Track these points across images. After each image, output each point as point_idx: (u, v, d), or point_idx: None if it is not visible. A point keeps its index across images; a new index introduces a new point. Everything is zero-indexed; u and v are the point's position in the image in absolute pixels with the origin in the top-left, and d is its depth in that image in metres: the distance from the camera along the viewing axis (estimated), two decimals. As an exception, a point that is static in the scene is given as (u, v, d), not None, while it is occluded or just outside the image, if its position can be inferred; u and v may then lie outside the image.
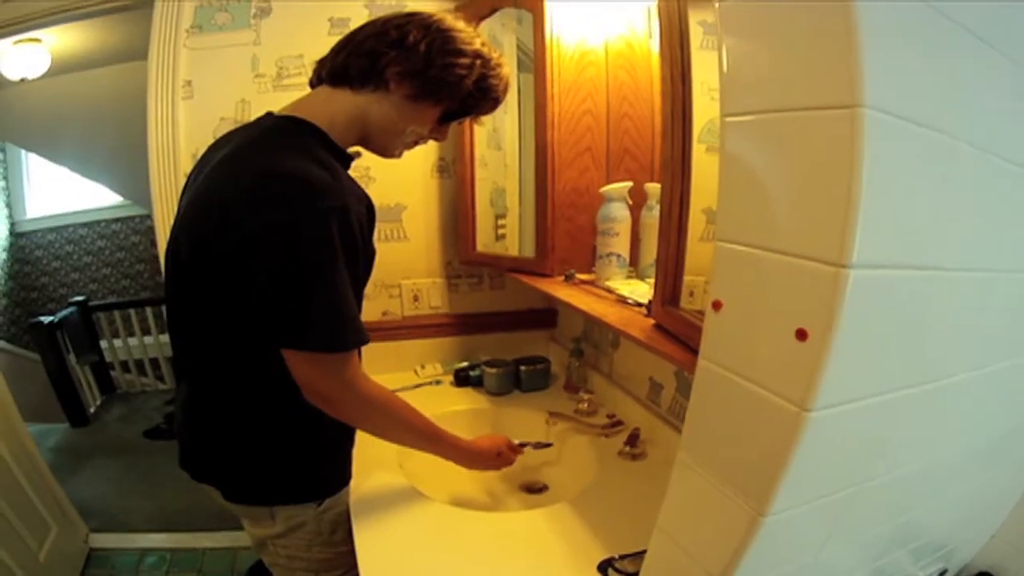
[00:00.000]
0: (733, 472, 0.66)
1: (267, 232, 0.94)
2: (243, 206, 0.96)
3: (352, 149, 1.17)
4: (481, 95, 1.15)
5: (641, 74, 1.63)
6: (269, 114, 1.13)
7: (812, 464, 0.61)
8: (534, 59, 1.62)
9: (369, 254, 1.10)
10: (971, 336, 0.74)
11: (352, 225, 0.99)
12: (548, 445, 1.51)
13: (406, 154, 1.30)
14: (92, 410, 4.25)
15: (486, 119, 1.25)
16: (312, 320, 0.97)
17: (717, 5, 0.64)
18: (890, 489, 0.76)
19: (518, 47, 1.91)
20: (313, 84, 1.17)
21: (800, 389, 0.56)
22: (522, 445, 1.44)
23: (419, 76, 1.08)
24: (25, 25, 2.55)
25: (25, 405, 2.46)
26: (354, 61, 1.09)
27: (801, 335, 0.56)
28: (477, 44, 1.12)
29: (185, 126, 1.93)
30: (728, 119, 0.64)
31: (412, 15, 1.11)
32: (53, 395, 4.02)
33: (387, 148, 1.18)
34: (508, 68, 1.18)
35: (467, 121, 1.26)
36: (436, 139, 1.22)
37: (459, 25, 1.12)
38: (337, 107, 1.11)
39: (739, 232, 0.63)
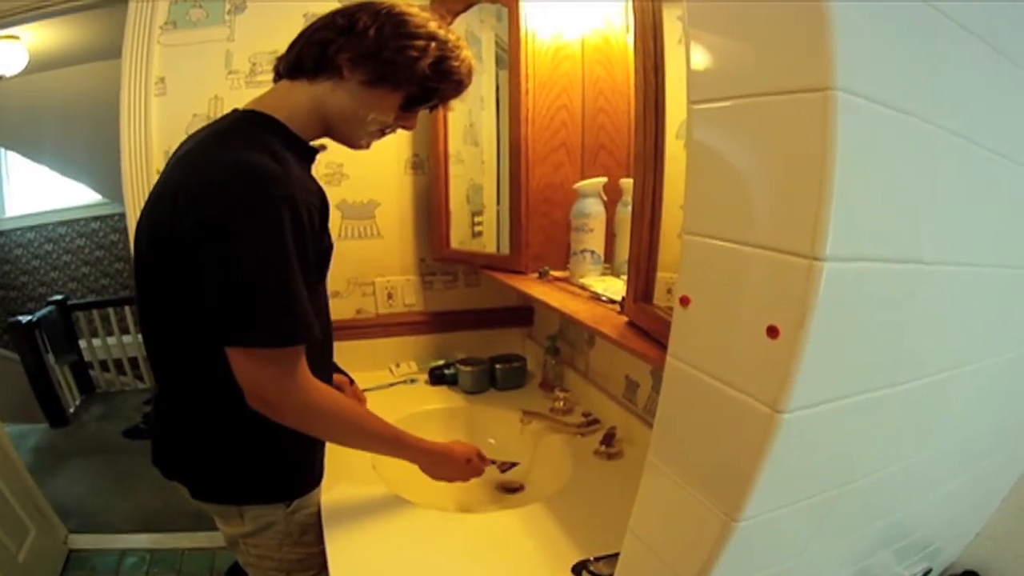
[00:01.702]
0: (704, 475, 0.62)
1: (211, 222, 0.91)
2: (191, 197, 0.94)
3: (317, 142, 1.14)
4: (441, 77, 1.10)
5: (618, 69, 1.59)
6: (235, 110, 1.10)
7: (787, 467, 0.57)
8: (509, 54, 1.58)
9: (323, 247, 1.06)
10: (954, 333, 0.71)
11: (301, 215, 0.94)
12: (514, 465, 1.44)
13: (379, 150, 1.25)
14: (71, 410, 4.18)
15: (462, 113, 1.21)
16: (254, 313, 0.93)
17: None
18: (872, 491, 0.73)
19: (496, 43, 1.88)
20: (275, 80, 1.14)
21: (772, 389, 0.53)
22: (492, 462, 1.38)
23: (371, 60, 1.05)
24: (1, 22, 2.51)
25: (4, 406, 2.43)
26: (307, 52, 1.07)
27: (772, 332, 0.52)
28: (432, 26, 1.08)
29: (158, 123, 1.88)
30: (695, 106, 0.60)
31: (363, 3, 1.08)
32: (32, 395, 3.94)
33: (351, 138, 1.14)
34: (468, 52, 1.14)
35: (438, 109, 1.22)
36: (404, 127, 1.18)
37: (412, 10, 1.09)
38: (295, 99, 1.08)
39: (707, 224, 0.59)
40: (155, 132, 1.88)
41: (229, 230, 0.91)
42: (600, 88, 1.61)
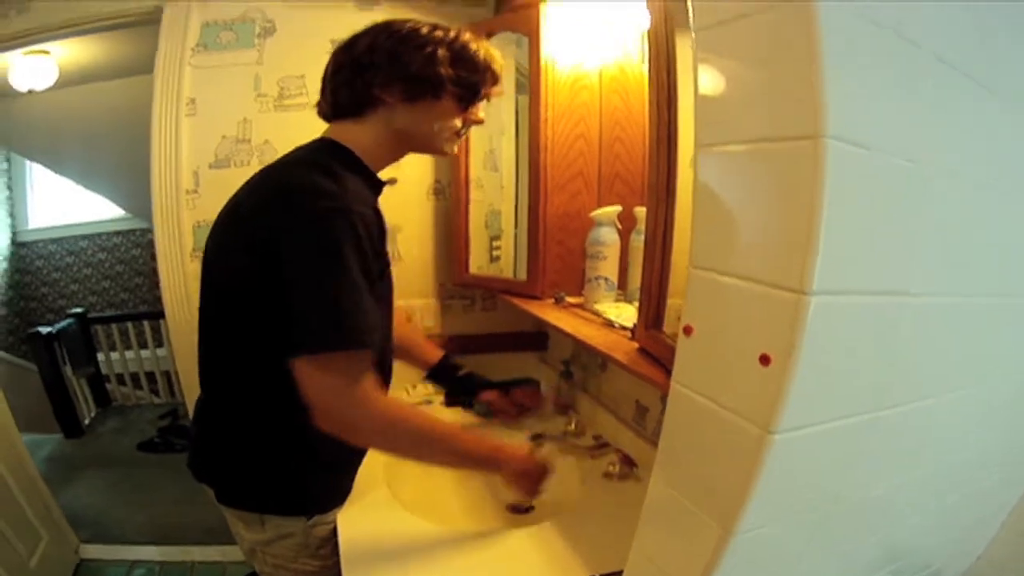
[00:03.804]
0: (702, 491, 0.68)
1: (269, 236, 0.99)
2: (253, 214, 1.04)
3: (387, 176, 1.23)
4: (467, 71, 1.16)
5: (634, 99, 1.66)
6: (319, 137, 1.19)
7: (779, 484, 0.63)
8: (529, 82, 1.66)
9: (382, 260, 1.13)
10: (940, 360, 0.76)
11: (355, 225, 1.00)
12: (529, 509, 1.48)
13: (401, 177, 1.32)
14: (87, 422, 4.26)
15: (483, 139, 1.26)
16: (313, 319, 0.98)
17: (693, 34, 0.67)
18: (862, 508, 0.78)
19: (516, 69, 1.95)
20: (325, 119, 1.22)
21: (764, 412, 0.59)
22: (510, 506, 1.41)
23: (398, 81, 1.12)
24: (35, 38, 2.59)
25: (20, 414, 2.47)
26: (340, 96, 1.16)
27: (764, 360, 0.58)
28: (425, 30, 1.15)
29: (188, 143, 1.96)
30: (701, 149, 0.66)
31: (356, 38, 1.17)
32: (48, 405, 4.02)
33: (432, 149, 1.25)
34: (481, 41, 1.20)
35: (488, 98, 1.26)
36: (474, 123, 1.24)
37: (407, 23, 1.16)
38: (357, 136, 1.16)
39: (709, 259, 0.66)
40: (185, 152, 1.96)
41: (286, 244, 0.98)
42: (617, 118, 1.68)
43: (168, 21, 2.05)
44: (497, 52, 1.22)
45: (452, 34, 1.17)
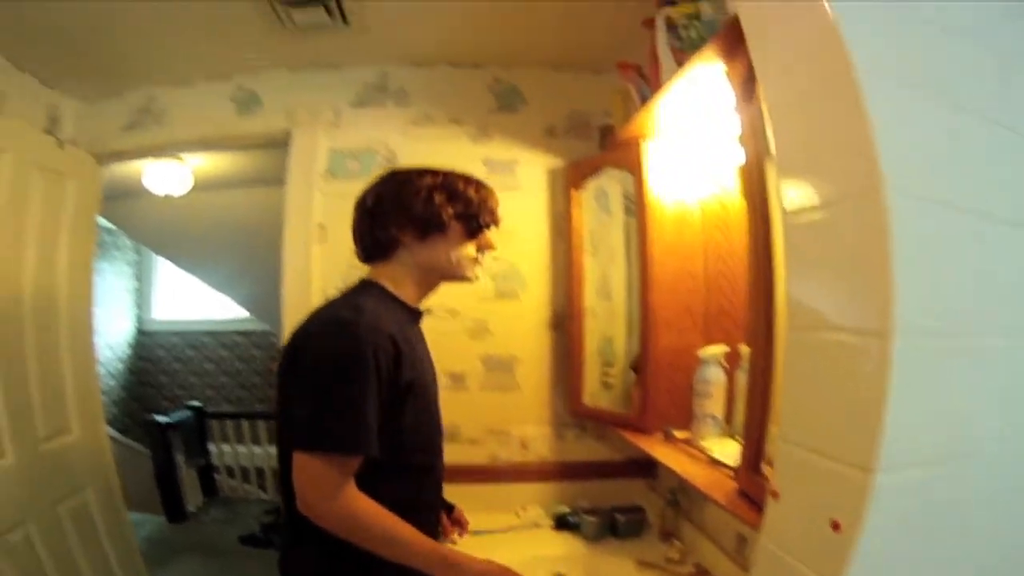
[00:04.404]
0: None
1: (297, 356, 1.22)
2: (294, 339, 1.26)
3: (425, 305, 1.43)
4: (465, 204, 1.37)
5: (734, 234, 1.78)
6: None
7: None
8: (637, 224, 1.88)
9: (401, 381, 1.24)
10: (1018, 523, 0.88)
11: (364, 352, 1.17)
12: None
13: (520, 309, 1.48)
14: (191, 509, 4.57)
15: (595, 268, 1.41)
16: (302, 423, 1.16)
17: (784, 222, 0.87)
18: None
19: (624, 195, 2.20)
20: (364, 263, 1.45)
21: (832, 573, 0.74)
22: None
23: (407, 222, 1.34)
24: (171, 150, 2.96)
25: (126, 493, 2.71)
26: (366, 243, 1.39)
27: (835, 526, 0.74)
28: (420, 176, 1.36)
29: (318, 268, 2.27)
30: (791, 333, 0.85)
31: (367, 191, 1.40)
32: (155, 487, 4.35)
33: (453, 279, 1.42)
34: (473, 178, 1.41)
35: (492, 227, 1.43)
36: (487, 250, 1.43)
37: (401, 173, 1.39)
38: (390, 273, 1.38)
39: (794, 434, 0.83)
40: (315, 276, 2.26)
41: (305, 362, 1.20)
42: (719, 253, 1.84)
43: (298, 146, 2.42)
44: (488, 188, 1.42)
45: (441, 178, 1.38)
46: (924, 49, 0.82)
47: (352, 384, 1.16)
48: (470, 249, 1.40)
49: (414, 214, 1.34)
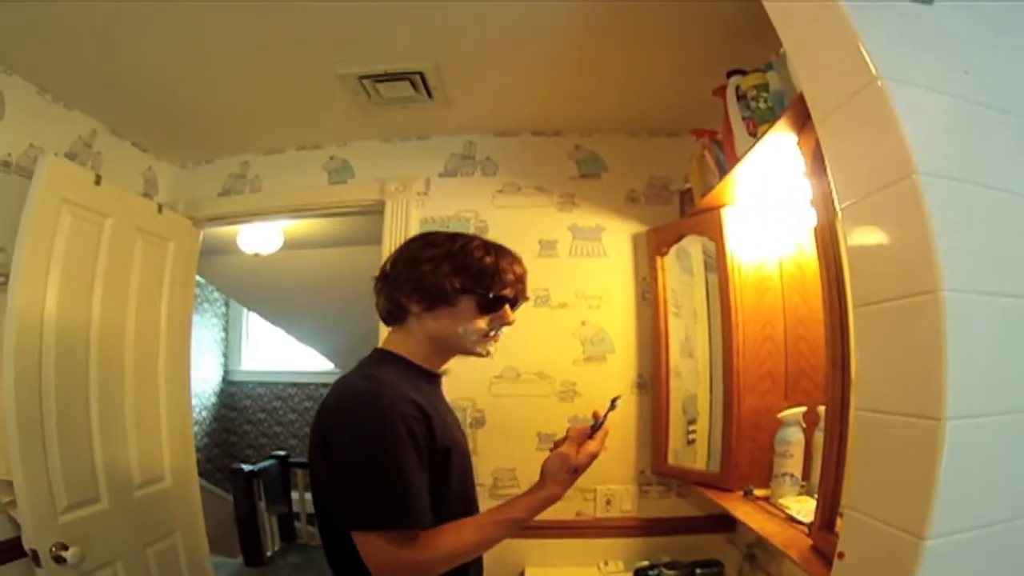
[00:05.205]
0: None
1: (323, 434, 1.23)
2: (317, 416, 1.28)
3: (444, 368, 1.44)
4: (475, 278, 1.32)
5: (812, 296, 1.89)
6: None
7: None
8: (719, 291, 2.01)
9: (437, 447, 1.25)
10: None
11: (393, 422, 1.17)
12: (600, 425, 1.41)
13: (608, 372, 1.55)
14: (269, 553, 4.80)
15: (679, 327, 1.48)
16: (349, 503, 1.17)
17: (852, 311, 0.99)
18: None
19: (703, 251, 2.31)
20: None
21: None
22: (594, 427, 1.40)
23: (415, 292, 1.33)
24: (266, 217, 3.02)
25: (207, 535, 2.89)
26: (383, 308, 1.40)
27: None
28: (437, 242, 1.36)
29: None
30: (859, 412, 0.98)
31: (393, 254, 1.41)
32: (233, 530, 4.57)
33: (463, 351, 1.39)
34: (491, 246, 1.36)
35: (519, 302, 1.41)
36: (504, 325, 1.38)
37: (422, 238, 1.40)
38: (400, 341, 1.38)
39: (859, 502, 0.95)
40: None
41: (332, 441, 1.21)
42: (799, 316, 1.95)
43: (390, 215, 2.58)
44: (511, 259, 1.38)
45: (459, 244, 1.34)
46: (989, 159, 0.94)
47: (387, 455, 1.17)
48: (481, 324, 1.35)
49: (420, 284, 1.33)
